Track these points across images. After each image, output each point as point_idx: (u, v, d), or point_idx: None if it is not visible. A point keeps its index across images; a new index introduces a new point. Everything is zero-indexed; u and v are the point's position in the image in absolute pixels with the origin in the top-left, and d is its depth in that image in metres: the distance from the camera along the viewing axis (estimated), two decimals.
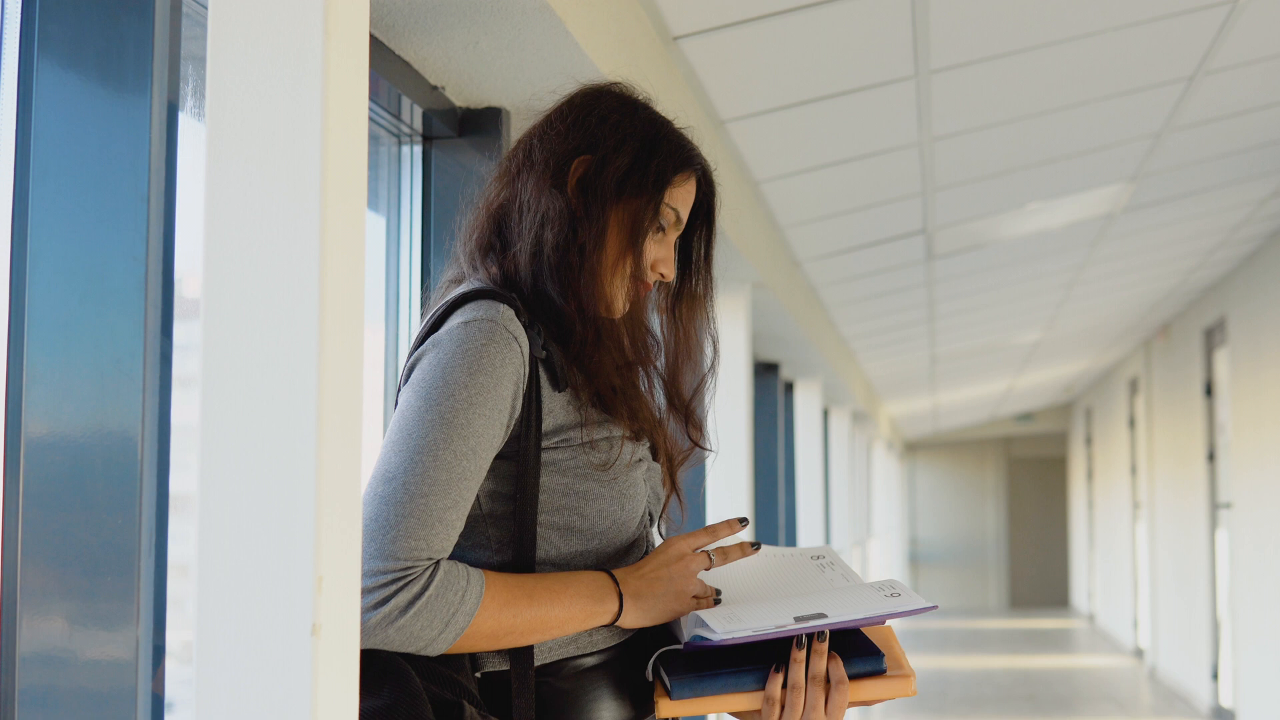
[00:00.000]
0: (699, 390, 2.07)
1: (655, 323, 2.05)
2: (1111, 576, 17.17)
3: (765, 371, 8.06)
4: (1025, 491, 23.83)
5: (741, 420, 5.26)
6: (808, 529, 8.93)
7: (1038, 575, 23.50)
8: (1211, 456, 10.75)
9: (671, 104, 3.50)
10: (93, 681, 1.77)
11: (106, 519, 1.74)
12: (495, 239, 1.92)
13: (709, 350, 2.07)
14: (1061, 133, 5.11)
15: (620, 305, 1.93)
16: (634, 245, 1.90)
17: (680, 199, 1.94)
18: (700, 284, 2.05)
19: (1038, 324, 10.51)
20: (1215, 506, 10.65)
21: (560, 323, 1.86)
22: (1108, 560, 17.51)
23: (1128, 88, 4.70)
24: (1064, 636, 18.20)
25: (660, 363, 2.03)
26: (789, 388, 8.99)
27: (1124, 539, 15.70)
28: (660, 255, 1.94)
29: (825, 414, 10.85)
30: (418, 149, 2.98)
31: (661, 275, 1.95)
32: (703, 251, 2.05)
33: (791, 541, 8.78)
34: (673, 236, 1.95)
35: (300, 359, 1.56)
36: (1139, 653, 14.76)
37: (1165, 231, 7.62)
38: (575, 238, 1.87)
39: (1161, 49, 4.35)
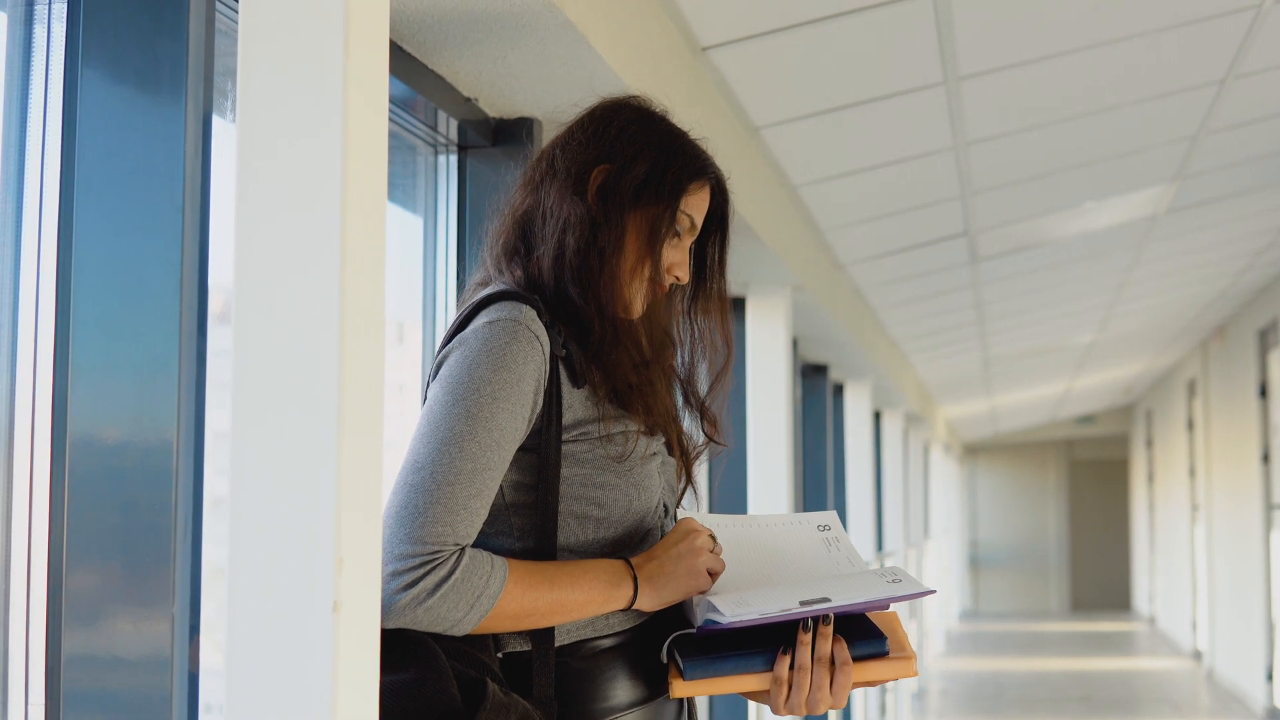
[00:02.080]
0: (714, 388, 2.17)
1: (672, 323, 2.16)
2: (1171, 579, 17.11)
3: (814, 373, 8.12)
4: (1087, 494, 23.71)
5: (781, 421, 5.33)
6: (858, 531, 8.97)
7: (1099, 578, 23.37)
8: (1266, 458, 10.74)
9: (702, 112, 3.61)
10: (130, 680, 1.89)
11: (143, 511, 1.86)
12: (520, 244, 2.03)
13: (723, 349, 2.17)
14: (1096, 136, 5.18)
15: (638, 307, 2.03)
16: (651, 250, 2.00)
17: (695, 206, 2.05)
18: (714, 286, 2.15)
19: (1090, 326, 10.53)
20: (1270, 508, 10.63)
21: (580, 323, 1.97)
22: (1168, 563, 17.45)
23: (1158, 92, 4.77)
24: (1124, 639, 18.14)
25: (677, 361, 2.14)
26: (839, 390, 9.05)
27: (1183, 541, 15.65)
28: (676, 259, 2.04)
29: (877, 416, 10.89)
30: (453, 158, 3.10)
31: (677, 278, 2.05)
32: (716, 256, 2.15)
33: None
34: (688, 241, 2.06)
35: (322, 359, 1.68)
36: (1197, 655, 14.71)
37: (1210, 233, 7.65)
38: (595, 242, 1.97)
39: (1189, 54, 4.41)
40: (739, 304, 5.41)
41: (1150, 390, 18.68)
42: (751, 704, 4.70)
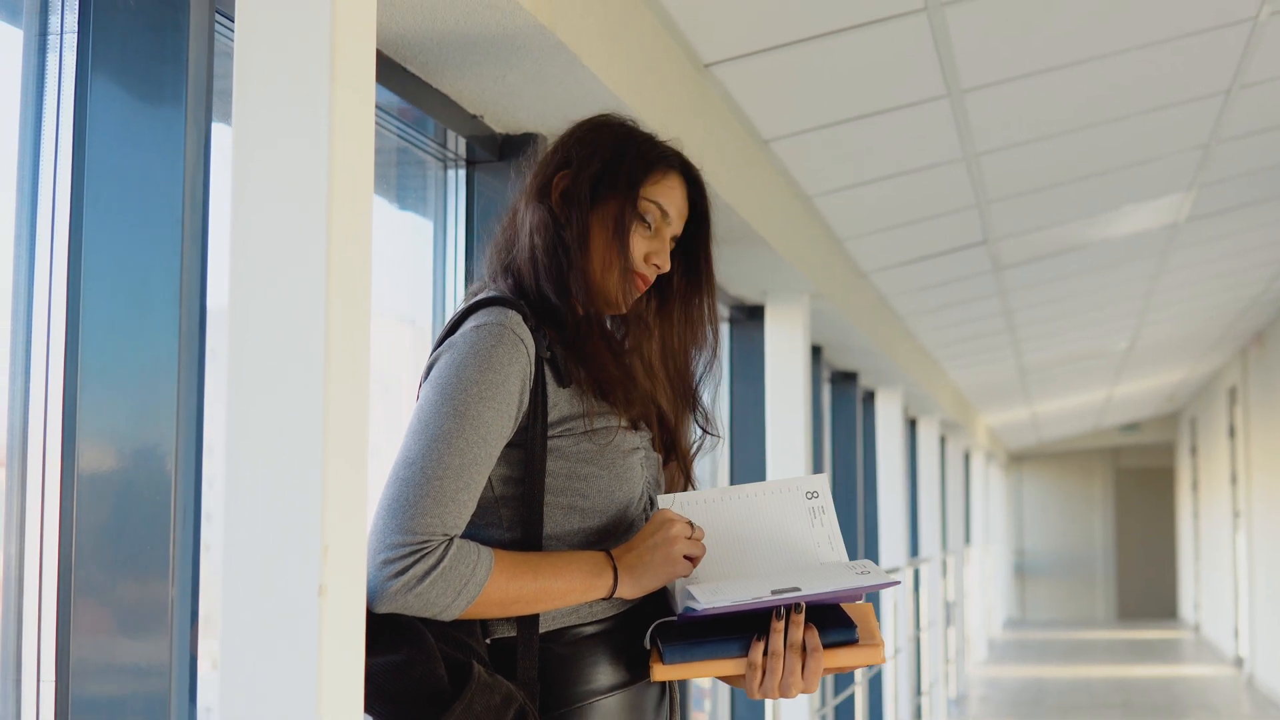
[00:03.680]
0: (703, 378, 2.28)
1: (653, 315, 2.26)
2: (1214, 586, 17.08)
3: (843, 380, 8.21)
4: (1133, 502, 23.63)
5: (799, 427, 5.43)
6: (890, 538, 9.03)
7: (1146, 587, 23.30)
8: None
9: (709, 126, 3.74)
10: (132, 683, 2.02)
11: (144, 509, 2.00)
12: (507, 255, 2.17)
13: (711, 340, 2.27)
14: (1107, 146, 5.26)
15: (620, 299, 2.14)
16: (618, 240, 2.11)
17: (661, 194, 2.16)
18: (701, 279, 2.25)
19: (1122, 333, 10.56)
20: None
21: (559, 321, 2.09)
22: (1211, 570, 17.42)
23: (1165, 102, 4.84)
24: (1168, 647, 18.09)
25: (664, 352, 2.23)
26: (870, 396, 9.13)
27: (1225, 548, 15.64)
28: (652, 248, 2.15)
29: (913, 424, 10.95)
30: (462, 172, 3.24)
31: (656, 266, 2.15)
32: (699, 248, 2.25)
33: (872, 553, 8.89)
34: (666, 231, 2.17)
35: (309, 355, 1.83)
36: (1239, 662, 14.69)
37: (1234, 240, 7.69)
38: (561, 242, 2.11)
39: (1192, 65, 4.50)
40: (757, 312, 5.52)
41: (1194, 398, 18.65)
42: (768, 701, 4.80)
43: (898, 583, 2.10)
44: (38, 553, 2.00)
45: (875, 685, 8.53)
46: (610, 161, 2.14)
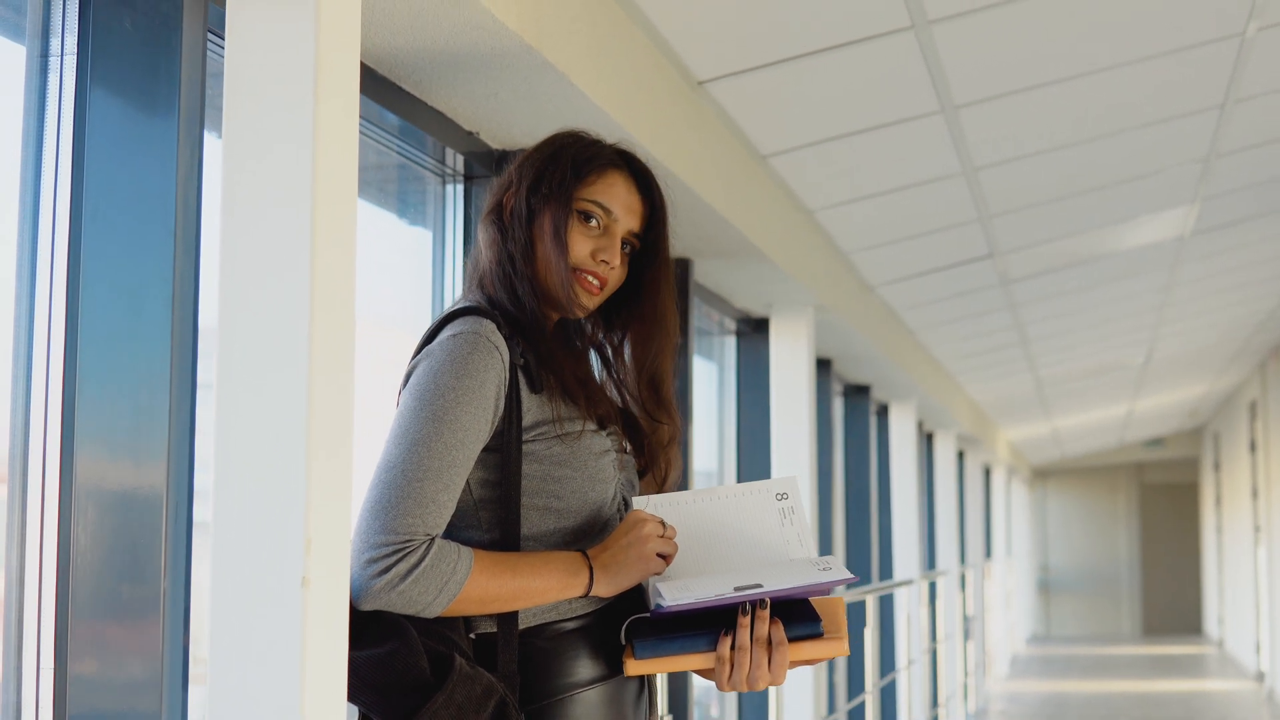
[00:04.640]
0: (655, 360, 2.31)
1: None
2: (1237, 602, 17.06)
3: (856, 393, 8.27)
4: (1158, 518, 23.58)
5: (804, 438, 5.50)
6: (903, 550, 9.08)
7: (1171, 602, 23.24)
8: None
9: (706, 142, 3.83)
10: (127, 696, 2.10)
11: (139, 511, 2.10)
12: (475, 271, 2.28)
13: (664, 327, 2.31)
14: (1106, 160, 5.32)
15: (568, 300, 2.20)
16: (556, 243, 2.19)
17: (601, 194, 2.23)
18: (659, 266, 2.31)
19: (1137, 346, 10.58)
20: None
21: (521, 327, 2.18)
22: (1234, 585, 17.40)
23: (1161, 116, 4.91)
24: (1191, 662, 18.06)
25: (634, 347, 2.30)
26: (883, 410, 9.18)
27: (1246, 564, 15.62)
28: (598, 245, 2.21)
29: (929, 438, 10.99)
30: (460, 187, 3.35)
31: (604, 262, 2.21)
32: (654, 238, 2.30)
33: (886, 565, 8.94)
34: (616, 229, 2.23)
35: (294, 362, 1.95)
36: (1260, 677, 14.67)
37: (1243, 253, 7.73)
38: (507, 254, 2.21)
39: (1186, 80, 4.56)
40: (762, 324, 5.61)
41: (1216, 413, 18.64)
42: (772, 702, 4.87)
43: (856, 579, 2.17)
44: (37, 563, 2.08)
45: (889, 695, 8.58)
46: (546, 172, 2.22)
